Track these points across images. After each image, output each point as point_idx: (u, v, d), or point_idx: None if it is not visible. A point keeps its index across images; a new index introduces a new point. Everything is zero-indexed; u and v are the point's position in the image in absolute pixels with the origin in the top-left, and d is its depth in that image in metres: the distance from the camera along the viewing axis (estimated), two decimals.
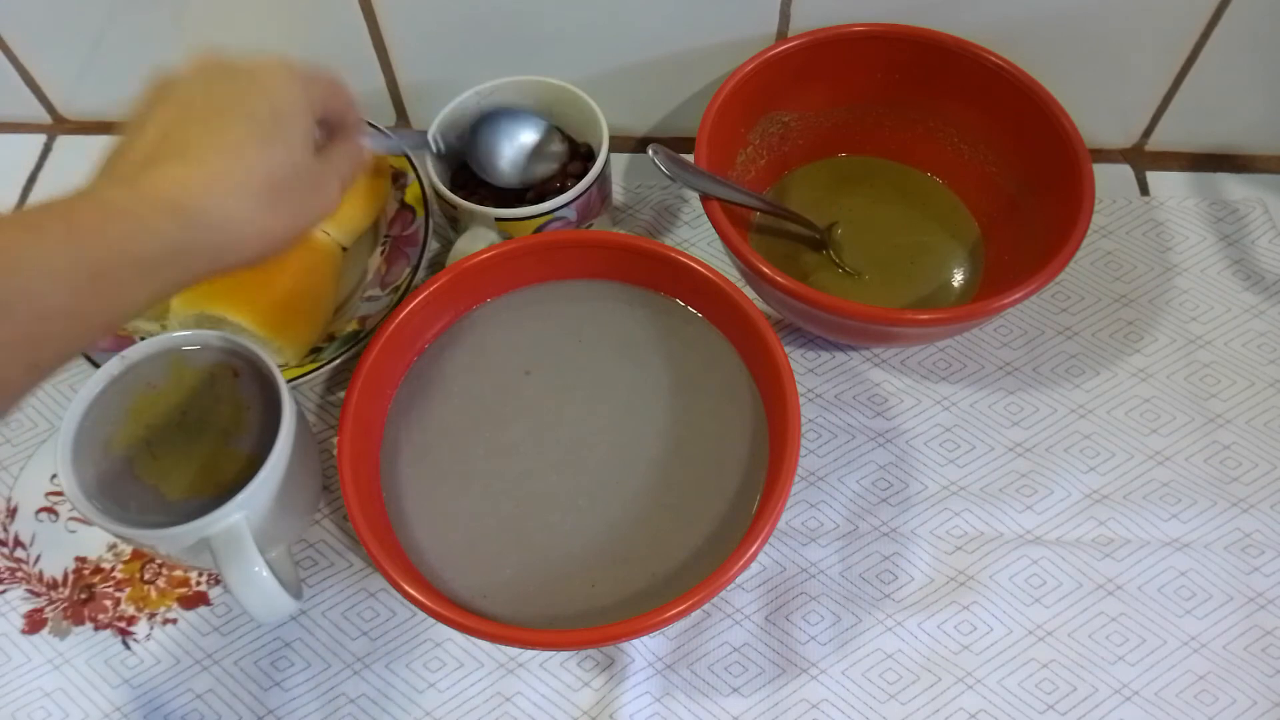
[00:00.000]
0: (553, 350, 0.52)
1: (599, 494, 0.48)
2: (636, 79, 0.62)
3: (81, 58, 0.64)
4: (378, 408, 0.50)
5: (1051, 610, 0.50)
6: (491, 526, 0.47)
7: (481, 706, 0.48)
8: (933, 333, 0.54)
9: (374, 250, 0.59)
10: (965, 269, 0.58)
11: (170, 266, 0.34)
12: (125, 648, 0.50)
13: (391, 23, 0.60)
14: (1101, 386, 0.56)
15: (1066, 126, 0.53)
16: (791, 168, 0.62)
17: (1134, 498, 0.53)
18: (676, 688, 0.48)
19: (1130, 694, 0.48)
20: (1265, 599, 0.50)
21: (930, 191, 0.61)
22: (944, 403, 0.56)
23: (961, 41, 0.56)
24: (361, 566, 0.52)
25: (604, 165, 0.55)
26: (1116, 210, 0.63)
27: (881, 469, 0.54)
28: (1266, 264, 0.60)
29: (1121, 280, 0.60)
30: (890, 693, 0.48)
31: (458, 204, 0.54)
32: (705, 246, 0.62)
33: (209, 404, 0.46)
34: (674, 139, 0.67)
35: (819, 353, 0.58)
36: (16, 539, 0.53)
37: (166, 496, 0.44)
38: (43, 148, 0.68)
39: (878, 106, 0.60)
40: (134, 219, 0.34)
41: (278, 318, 0.51)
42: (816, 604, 0.50)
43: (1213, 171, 0.65)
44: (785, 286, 0.48)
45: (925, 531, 0.52)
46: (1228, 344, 0.58)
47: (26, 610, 0.51)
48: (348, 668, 0.49)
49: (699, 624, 0.50)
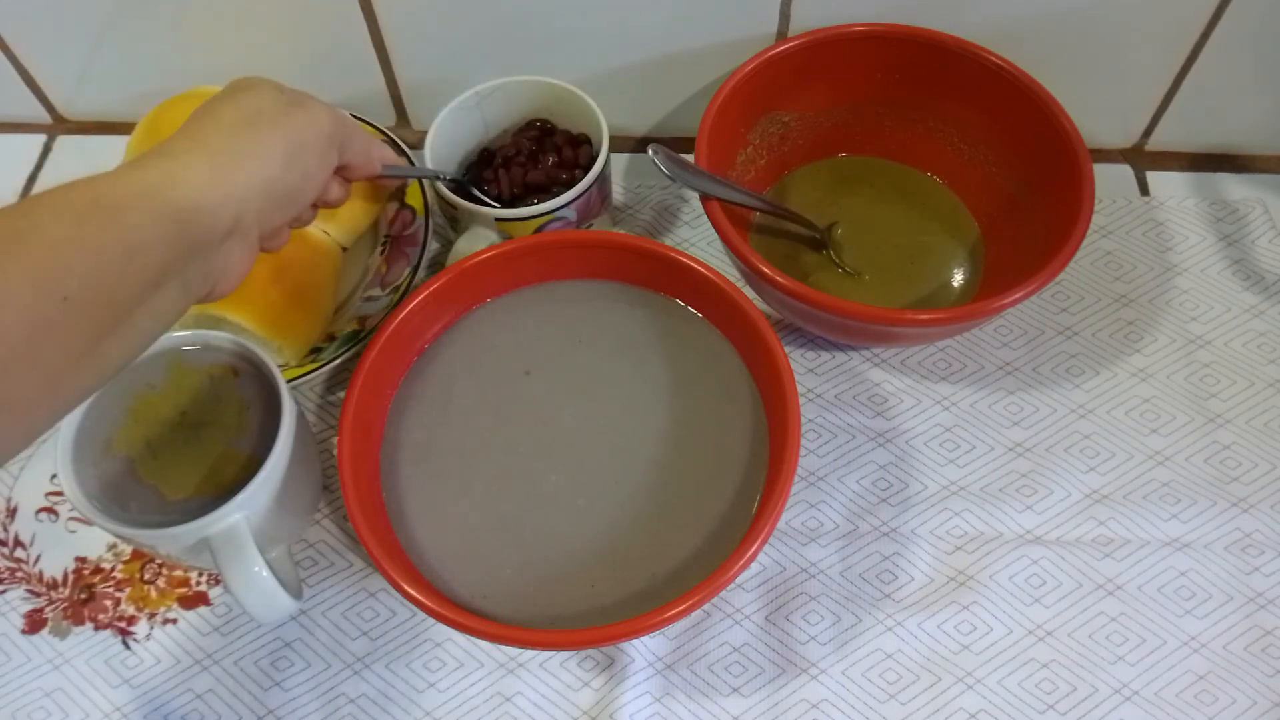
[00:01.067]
0: (552, 350, 0.52)
1: (599, 494, 0.48)
2: (636, 79, 0.62)
3: (81, 58, 0.64)
4: (378, 408, 0.50)
5: (1051, 610, 0.50)
6: (491, 526, 0.47)
7: (481, 706, 0.48)
8: (933, 333, 0.54)
9: (374, 250, 0.59)
10: (965, 269, 0.58)
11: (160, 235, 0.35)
12: (125, 648, 0.50)
13: (391, 23, 0.60)
14: (1101, 386, 0.56)
15: (1066, 126, 0.53)
16: (791, 168, 0.62)
17: (1134, 498, 0.53)
18: (676, 688, 0.48)
19: (1130, 694, 0.48)
20: (1265, 599, 0.50)
21: (930, 191, 0.61)
22: (944, 403, 0.56)
23: (961, 41, 0.56)
24: (361, 566, 0.52)
25: (604, 165, 0.55)
26: (1116, 210, 0.63)
27: (881, 469, 0.54)
28: (1266, 264, 0.60)
29: (1121, 280, 0.60)
30: (890, 693, 0.48)
31: (458, 204, 0.54)
32: (705, 246, 0.62)
33: (209, 404, 0.46)
34: (674, 139, 0.67)
35: (819, 353, 0.58)
36: (16, 539, 0.53)
37: (166, 496, 0.44)
38: (43, 148, 0.68)
39: (878, 106, 0.60)
40: (153, 177, 0.36)
41: (278, 318, 0.51)
42: (816, 604, 0.50)
43: (1213, 171, 0.65)
44: (785, 286, 0.48)
45: (925, 531, 0.52)
46: (1228, 344, 0.58)
47: (26, 610, 0.51)
48: (348, 668, 0.49)
49: (699, 624, 0.50)
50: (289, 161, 0.40)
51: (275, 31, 0.61)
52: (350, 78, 0.63)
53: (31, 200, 0.32)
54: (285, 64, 0.63)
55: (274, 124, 0.40)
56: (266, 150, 0.39)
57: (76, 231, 0.32)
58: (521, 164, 0.57)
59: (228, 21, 0.60)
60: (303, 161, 0.41)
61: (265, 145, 0.39)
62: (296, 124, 0.41)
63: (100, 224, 0.33)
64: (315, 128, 0.42)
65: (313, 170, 0.42)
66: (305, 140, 0.41)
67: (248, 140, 0.39)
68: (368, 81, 0.63)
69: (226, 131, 0.39)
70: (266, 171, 0.39)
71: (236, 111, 0.40)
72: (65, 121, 0.69)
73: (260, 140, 0.39)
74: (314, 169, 0.42)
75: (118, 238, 0.33)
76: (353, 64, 0.62)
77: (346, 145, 0.44)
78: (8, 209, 0.32)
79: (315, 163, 0.42)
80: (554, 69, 0.58)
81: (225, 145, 0.38)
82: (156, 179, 0.35)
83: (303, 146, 0.41)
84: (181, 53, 0.62)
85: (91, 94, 0.67)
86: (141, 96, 0.60)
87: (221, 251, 0.38)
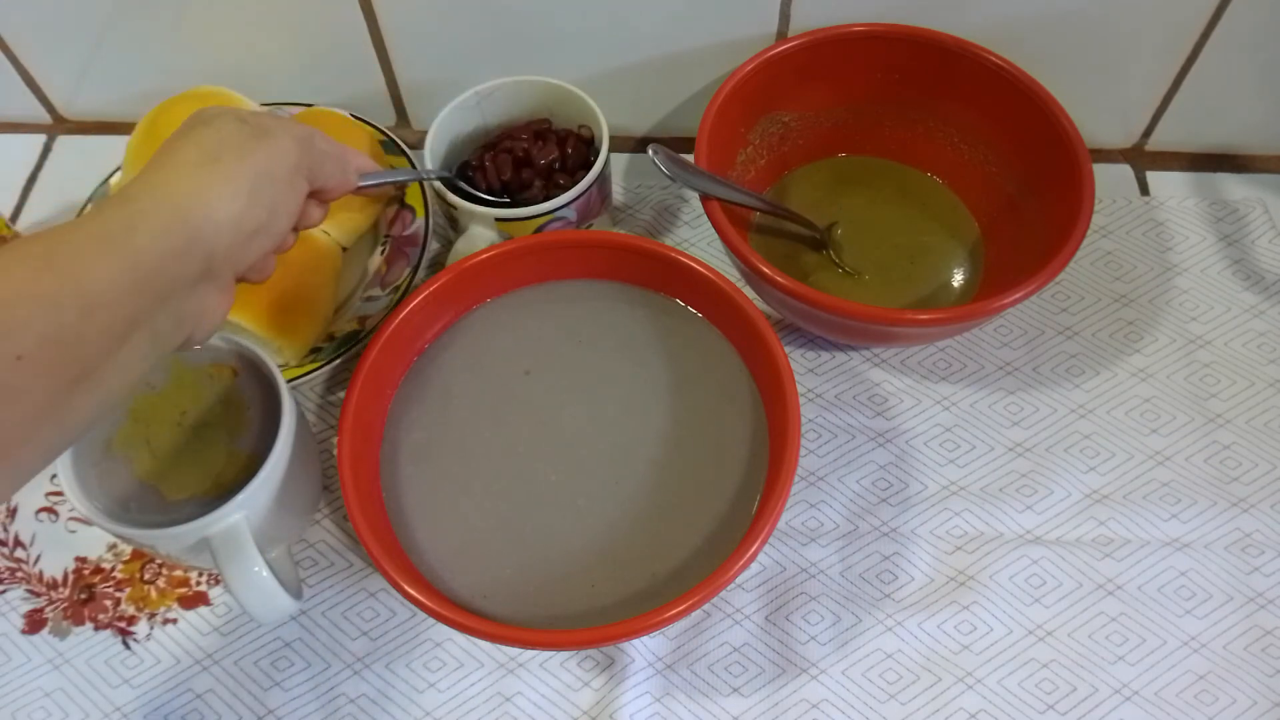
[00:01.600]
0: (552, 350, 0.52)
1: (599, 494, 0.48)
2: (636, 79, 0.62)
3: (81, 58, 0.64)
4: (378, 408, 0.50)
5: (1051, 610, 0.50)
6: (491, 526, 0.47)
7: (481, 706, 0.48)
8: (933, 333, 0.54)
9: (374, 250, 0.59)
10: (965, 269, 0.58)
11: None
12: (125, 648, 0.50)
13: (391, 23, 0.60)
14: (1101, 386, 0.56)
15: (1066, 126, 0.53)
16: (791, 168, 0.62)
17: (1134, 498, 0.53)
18: (676, 688, 0.48)
19: (1130, 694, 0.48)
20: (1265, 599, 0.50)
21: (930, 191, 0.61)
22: (944, 403, 0.56)
23: (961, 41, 0.56)
24: (361, 566, 0.52)
25: (604, 165, 0.55)
26: (1116, 210, 0.63)
27: (881, 469, 0.54)
28: (1266, 264, 0.60)
29: (1121, 280, 0.60)
30: (890, 693, 0.48)
31: (458, 204, 0.54)
32: (705, 246, 0.62)
33: (209, 404, 0.46)
34: (674, 139, 0.67)
35: (819, 353, 0.58)
36: (16, 539, 0.53)
37: (166, 496, 0.44)
38: (43, 148, 0.68)
39: (877, 106, 0.60)
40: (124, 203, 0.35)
41: (278, 318, 0.51)
42: (816, 604, 0.50)
43: (1213, 171, 0.65)
44: (785, 286, 0.48)
45: (925, 531, 0.52)
46: (1228, 344, 0.58)
47: (26, 610, 0.51)
48: (348, 668, 0.49)
49: (699, 624, 0.50)
50: (255, 197, 0.38)
51: (275, 31, 0.61)
52: (350, 78, 0.63)
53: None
54: (285, 64, 0.63)
55: (237, 158, 0.38)
56: (231, 188, 0.37)
57: (31, 287, 0.31)
58: (508, 150, 0.57)
59: (228, 21, 0.60)
60: (269, 195, 0.39)
61: (229, 183, 0.37)
62: (260, 157, 0.39)
63: (56, 278, 0.31)
64: (280, 158, 0.40)
65: (281, 203, 0.40)
66: (271, 172, 0.39)
67: (210, 179, 0.37)
68: (368, 81, 0.63)
69: (188, 171, 0.37)
70: (232, 210, 0.37)
71: (197, 149, 0.38)
72: (65, 121, 0.69)
73: (223, 178, 0.37)
74: (283, 201, 0.40)
75: (75, 291, 0.32)
76: (353, 64, 0.62)
77: (316, 170, 0.42)
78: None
79: (283, 195, 0.40)
80: (554, 69, 0.58)
81: (187, 186, 0.36)
82: (116, 227, 0.34)
83: (269, 179, 0.39)
84: (181, 53, 0.62)
85: (91, 94, 0.67)
86: (141, 96, 0.60)
87: (194, 297, 0.37)
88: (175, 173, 0.37)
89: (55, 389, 0.32)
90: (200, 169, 0.37)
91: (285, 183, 0.40)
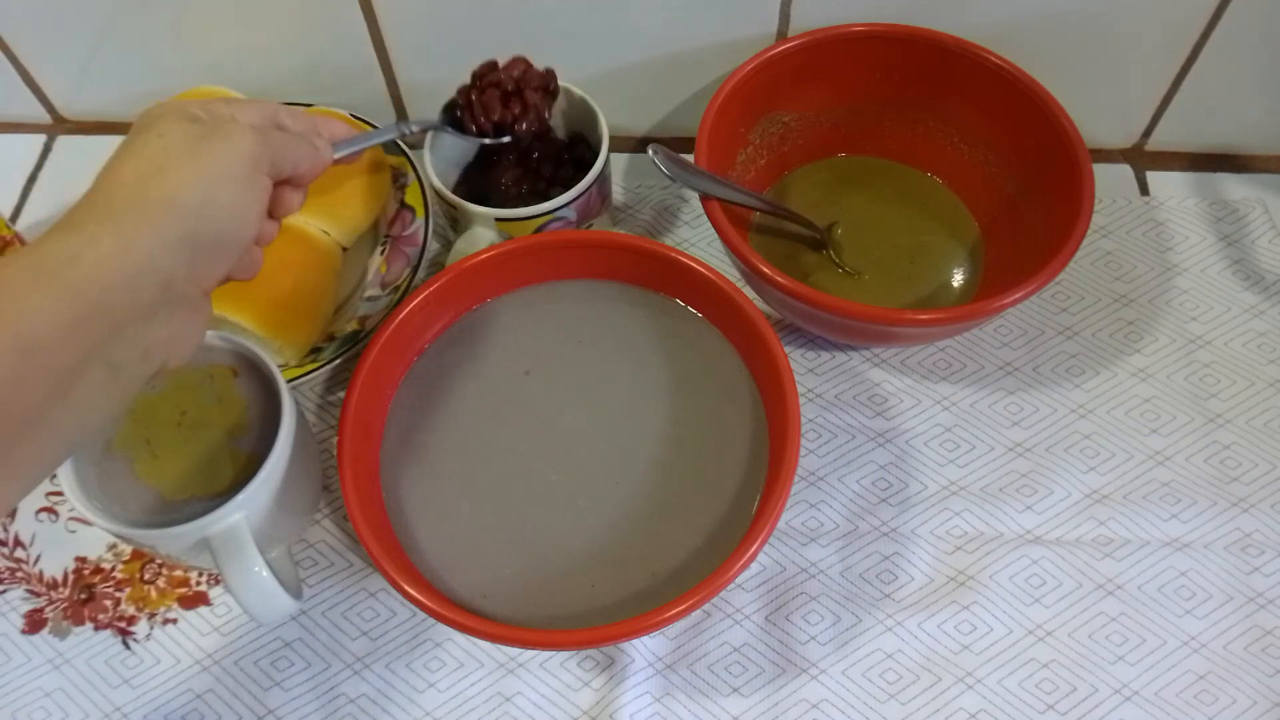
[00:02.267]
0: (552, 350, 0.52)
1: (599, 494, 0.48)
2: (636, 79, 0.62)
3: (81, 58, 0.64)
4: (378, 408, 0.50)
5: (1051, 610, 0.50)
6: (491, 526, 0.47)
7: (481, 707, 0.48)
8: (933, 333, 0.54)
9: (374, 250, 0.59)
10: (965, 269, 0.58)
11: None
12: (125, 648, 0.50)
13: (391, 23, 0.60)
14: (1101, 386, 0.56)
15: (1066, 126, 0.53)
16: (791, 168, 0.62)
17: (1134, 498, 0.53)
18: (676, 688, 0.48)
19: (1130, 694, 0.48)
20: (1265, 599, 0.50)
21: (930, 191, 0.61)
22: (944, 403, 0.56)
23: (961, 41, 0.56)
24: (361, 566, 0.52)
25: (604, 165, 0.55)
26: (1116, 210, 0.63)
27: (881, 469, 0.54)
28: (1266, 264, 0.60)
29: (1121, 280, 0.60)
30: (890, 693, 0.48)
31: (458, 204, 0.54)
32: (705, 246, 0.62)
33: (209, 404, 0.46)
34: (674, 139, 0.67)
35: (819, 353, 0.58)
36: (16, 539, 0.53)
37: (166, 496, 0.44)
38: (43, 148, 0.68)
39: (878, 106, 0.60)
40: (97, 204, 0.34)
41: (278, 318, 0.51)
42: (816, 604, 0.50)
43: (1213, 171, 0.65)
44: (785, 286, 0.48)
45: (925, 531, 0.52)
46: (1228, 344, 0.58)
47: (26, 610, 0.51)
48: (348, 668, 0.49)
49: (699, 624, 0.50)
50: (208, 205, 0.35)
51: (275, 32, 0.61)
52: (350, 78, 0.63)
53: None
54: (285, 64, 0.63)
55: (183, 165, 0.35)
56: (180, 199, 0.34)
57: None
58: (496, 84, 0.53)
59: (228, 21, 0.60)
60: (225, 199, 0.36)
61: (177, 194, 0.34)
62: (209, 158, 0.35)
63: None
64: (234, 155, 0.36)
65: (241, 204, 0.36)
66: (225, 174, 0.36)
67: (155, 194, 0.34)
68: (368, 81, 0.63)
69: (130, 190, 0.34)
70: (184, 225, 0.34)
71: (139, 162, 0.35)
72: (65, 121, 0.69)
73: (170, 190, 0.34)
74: (242, 203, 0.37)
75: (11, 332, 0.29)
76: (353, 64, 0.62)
77: (281, 158, 0.39)
78: None
79: (242, 195, 0.37)
80: (554, 69, 0.58)
81: (130, 205, 0.33)
82: (56, 260, 0.31)
83: (223, 182, 0.36)
84: (181, 53, 0.62)
85: (91, 94, 0.67)
86: (141, 96, 0.60)
87: (156, 324, 0.34)
88: (119, 193, 0.34)
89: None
90: (144, 186, 0.34)
91: (243, 182, 0.37)
